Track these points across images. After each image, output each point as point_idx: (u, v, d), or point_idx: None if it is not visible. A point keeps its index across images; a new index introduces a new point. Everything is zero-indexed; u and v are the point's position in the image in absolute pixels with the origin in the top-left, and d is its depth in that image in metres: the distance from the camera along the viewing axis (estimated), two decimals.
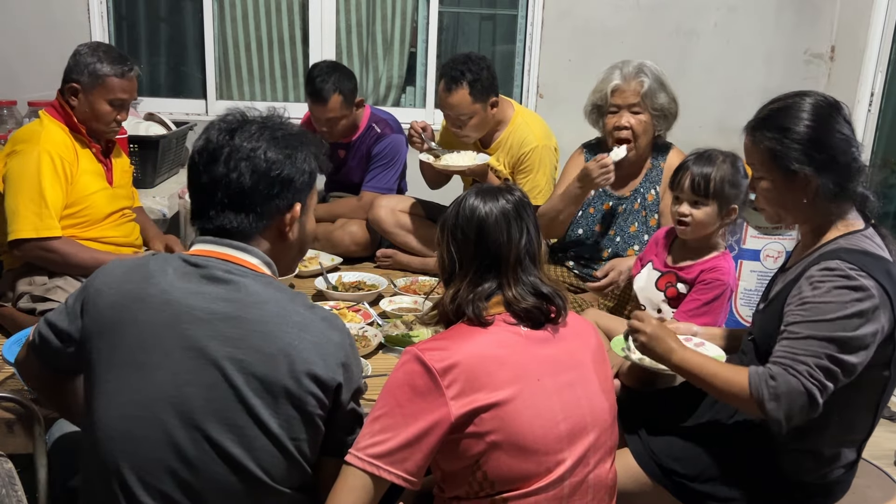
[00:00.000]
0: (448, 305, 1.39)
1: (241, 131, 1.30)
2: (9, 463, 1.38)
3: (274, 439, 1.22)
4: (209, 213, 1.30)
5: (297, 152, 1.33)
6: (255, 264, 1.30)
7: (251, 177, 1.27)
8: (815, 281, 1.46)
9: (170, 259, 1.30)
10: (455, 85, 2.69)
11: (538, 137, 2.83)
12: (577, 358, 1.40)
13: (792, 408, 1.41)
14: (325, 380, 1.24)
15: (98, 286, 1.29)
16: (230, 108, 1.36)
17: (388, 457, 1.27)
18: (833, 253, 1.50)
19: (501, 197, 1.40)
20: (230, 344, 1.21)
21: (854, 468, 1.63)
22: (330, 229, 3.10)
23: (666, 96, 2.47)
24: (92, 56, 2.22)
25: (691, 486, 1.61)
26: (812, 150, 1.51)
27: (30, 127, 2.29)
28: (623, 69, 2.48)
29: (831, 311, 1.42)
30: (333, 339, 1.27)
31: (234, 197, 1.28)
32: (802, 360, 1.42)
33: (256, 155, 1.28)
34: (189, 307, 1.23)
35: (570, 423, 1.34)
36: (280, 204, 1.31)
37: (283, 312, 1.24)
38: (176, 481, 1.21)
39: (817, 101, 1.55)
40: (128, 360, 1.23)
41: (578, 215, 2.65)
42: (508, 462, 1.30)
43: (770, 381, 1.43)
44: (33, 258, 2.19)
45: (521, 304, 1.36)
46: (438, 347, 1.31)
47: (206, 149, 1.30)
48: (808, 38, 3.83)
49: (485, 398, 1.28)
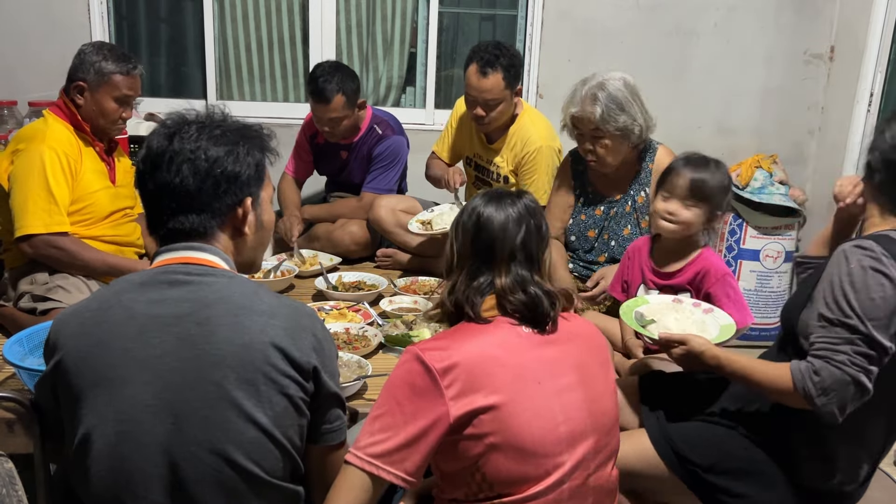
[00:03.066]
0: (447, 299, 1.40)
1: (179, 134, 1.30)
2: (9, 463, 1.38)
3: (262, 429, 1.22)
4: (162, 218, 1.31)
5: (238, 147, 1.33)
6: (215, 261, 1.31)
7: (195, 178, 1.28)
8: (846, 258, 1.47)
9: (127, 278, 1.31)
10: (490, 69, 2.69)
11: (542, 138, 2.84)
12: (578, 361, 1.40)
13: (844, 398, 1.44)
14: (302, 363, 1.24)
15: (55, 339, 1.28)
16: (169, 113, 1.37)
17: (387, 456, 1.27)
18: (868, 237, 1.51)
19: (508, 199, 1.42)
20: (202, 341, 1.21)
21: (867, 482, 1.64)
22: (330, 229, 3.10)
23: (627, 117, 2.38)
24: (97, 55, 2.25)
25: (704, 476, 1.61)
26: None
27: (34, 125, 2.32)
28: (579, 93, 2.41)
29: (863, 289, 1.44)
30: (303, 323, 1.28)
31: (183, 200, 1.29)
32: (840, 350, 1.44)
33: (197, 156, 1.29)
34: (154, 316, 1.23)
35: (570, 426, 1.34)
36: (229, 200, 1.32)
37: (250, 303, 1.25)
38: (167, 488, 1.21)
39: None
40: (100, 381, 1.23)
41: (571, 222, 2.66)
42: (507, 464, 1.30)
43: (814, 377, 1.45)
44: (40, 255, 2.20)
45: (510, 297, 1.36)
46: (439, 347, 1.31)
47: (147, 157, 1.31)
48: (808, 38, 3.83)
49: (483, 399, 1.28)
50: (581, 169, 2.65)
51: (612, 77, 2.41)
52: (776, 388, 1.51)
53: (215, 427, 1.20)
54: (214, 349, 1.21)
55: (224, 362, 1.21)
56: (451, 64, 3.97)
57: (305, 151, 3.28)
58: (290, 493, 1.29)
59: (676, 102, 3.75)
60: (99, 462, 1.23)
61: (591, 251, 2.63)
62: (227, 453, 1.21)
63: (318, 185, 3.54)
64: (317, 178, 3.44)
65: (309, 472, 1.34)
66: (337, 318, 2.30)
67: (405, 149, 3.17)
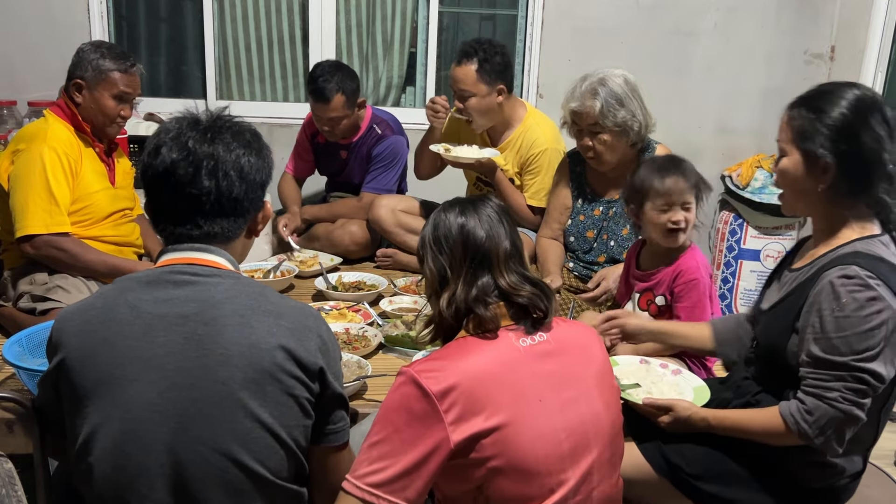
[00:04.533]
0: (446, 311, 1.35)
1: (218, 137, 1.30)
2: (9, 463, 1.38)
3: (268, 429, 1.22)
4: (182, 220, 1.30)
5: (264, 152, 1.37)
6: (221, 262, 1.31)
7: (240, 183, 1.30)
8: (834, 291, 1.43)
9: (132, 276, 1.30)
10: (465, 59, 2.73)
11: (549, 140, 2.84)
12: (578, 372, 1.36)
13: (840, 432, 1.44)
14: (308, 364, 1.24)
15: (58, 337, 1.27)
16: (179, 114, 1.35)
17: (387, 486, 1.23)
18: (850, 257, 1.47)
19: (480, 204, 1.40)
20: (209, 341, 1.21)
21: (860, 476, 1.63)
22: (330, 229, 3.10)
23: (626, 112, 2.39)
24: (95, 53, 2.26)
25: (696, 484, 1.61)
26: (839, 138, 1.47)
27: (35, 125, 2.32)
28: (579, 88, 2.43)
29: (851, 327, 1.41)
30: (308, 324, 1.28)
31: (217, 205, 1.29)
32: (831, 387, 1.43)
33: (241, 163, 1.30)
34: (161, 315, 1.23)
35: (573, 441, 1.31)
36: (259, 205, 1.36)
37: (256, 304, 1.25)
38: (172, 487, 1.21)
39: (864, 94, 1.51)
40: (104, 379, 1.22)
41: (570, 223, 2.66)
42: (511, 486, 1.26)
43: (808, 417, 1.45)
44: (41, 256, 2.20)
45: (520, 293, 1.34)
46: (435, 368, 1.26)
47: (185, 158, 1.28)
48: (808, 38, 3.83)
49: (485, 422, 1.24)
50: (579, 170, 2.65)
51: (613, 73, 2.42)
52: (772, 433, 1.51)
53: (221, 426, 1.20)
54: (221, 349, 1.21)
55: (230, 362, 1.21)
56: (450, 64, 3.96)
57: (306, 150, 3.28)
58: (293, 493, 1.29)
59: (676, 102, 3.75)
60: (103, 460, 1.22)
61: (591, 252, 2.63)
62: (233, 453, 1.21)
63: (318, 185, 3.54)
64: (317, 178, 3.44)
65: (311, 473, 1.34)
66: (337, 319, 2.30)
67: (405, 149, 3.17)
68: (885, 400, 1.53)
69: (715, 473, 1.60)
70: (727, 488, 1.59)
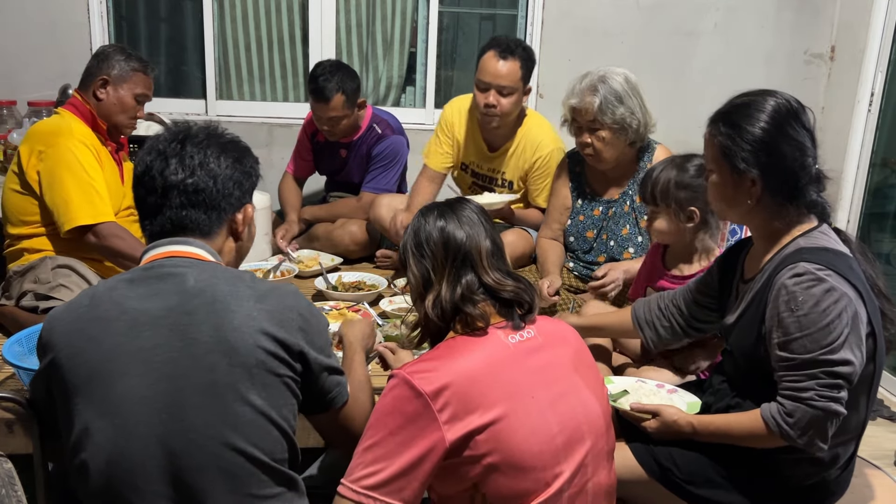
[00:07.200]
0: (431, 312, 1.36)
1: (189, 139, 1.38)
2: (9, 463, 1.38)
3: (259, 411, 1.24)
4: (163, 211, 1.36)
5: (246, 156, 1.44)
6: (201, 254, 1.35)
7: (209, 176, 1.36)
8: (789, 292, 1.45)
9: (117, 276, 1.35)
10: (510, 55, 2.69)
11: (553, 140, 2.85)
12: (567, 365, 1.39)
13: (824, 430, 1.45)
14: (290, 344, 1.27)
15: (48, 337, 1.30)
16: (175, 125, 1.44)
17: (383, 488, 1.24)
18: (796, 255, 1.49)
19: (458, 206, 1.43)
20: (193, 331, 1.24)
21: (851, 465, 1.63)
22: (330, 229, 3.11)
23: (625, 109, 2.39)
24: (120, 54, 2.39)
25: (688, 488, 1.61)
26: (760, 152, 1.50)
27: (51, 122, 2.38)
28: (579, 85, 2.44)
29: (813, 324, 1.42)
30: (287, 303, 1.31)
31: (193, 196, 1.35)
32: (805, 386, 1.44)
33: (210, 158, 1.37)
34: (145, 311, 1.26)
35: (567, 434, 1.32)
36: (235, 203, 1.41)
37: (234, 290, 1.28)
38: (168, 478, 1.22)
39: (779, 103, 1.52)
40: (94, 376, 1.24)
41: (569, 223, 2.66)
42: (507, 482, 1.27)
43: (788, 419, 1.46)
44: (103, 245, 2.25)
45: (505, 287, 1.36)
46: (427, 369, 1.27)
47: (160, 153, 1.36)
48: (808, 38, 3.82)
49: (479, 419, 1.24)
50: (578, 170, 2.65)
51: (614, 72, 2.43)
52: (755, 436, 1.52)
53: (212, 413, 1.22)
54: (205, 337, 1.23)
55: (215, 349, 1.23)
56: (451, 64, 3.97)
57: (306, 150, 3.28)
58: (289, 478, 1.30)
59: (676, 102, 3.74)
60: (97, 457, 1.23)
61: (591, 251, 2.63)
62: (227, 438, 1.22)
63: (318, 184, 3.54)
64: (317, 178, 3.44)
65: (330, 437, 1.44)
66: (337, 318, 2.30)
67: (405, 148, 3.17)
68: (869, 384, 1.54)
69: (706, 477, 1.60)
70: (719, 492, 1.59)
